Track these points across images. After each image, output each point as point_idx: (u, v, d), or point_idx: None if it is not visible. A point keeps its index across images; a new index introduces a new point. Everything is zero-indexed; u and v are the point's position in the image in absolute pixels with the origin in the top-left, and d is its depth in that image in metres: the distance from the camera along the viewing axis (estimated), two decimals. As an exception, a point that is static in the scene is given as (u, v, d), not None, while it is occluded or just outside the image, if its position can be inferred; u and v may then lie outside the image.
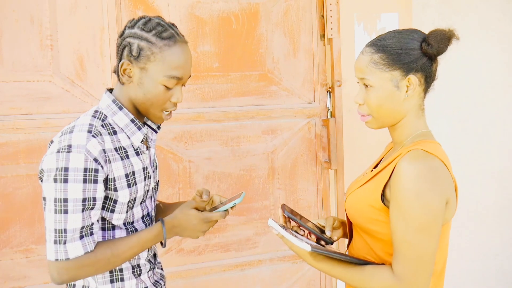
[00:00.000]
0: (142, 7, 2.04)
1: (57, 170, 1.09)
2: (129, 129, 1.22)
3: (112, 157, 1.16)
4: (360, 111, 1.23)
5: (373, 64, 1.17)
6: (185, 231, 1.24)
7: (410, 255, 1.07)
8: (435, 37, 1.15)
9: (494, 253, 2.78)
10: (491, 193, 2.74)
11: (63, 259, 1.10)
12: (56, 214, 1.09)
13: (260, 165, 2.28)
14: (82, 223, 1.11)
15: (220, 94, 2.20)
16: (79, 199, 1.10)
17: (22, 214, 1.93)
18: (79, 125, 1.15)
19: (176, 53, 1.18)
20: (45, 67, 1.93)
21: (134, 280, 1.25)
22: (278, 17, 2.27)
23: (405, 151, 1.14)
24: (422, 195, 1.05)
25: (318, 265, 1.18)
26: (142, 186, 1.24)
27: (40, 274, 1.97)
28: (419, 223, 1.06)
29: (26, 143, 1.91)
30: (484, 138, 2.70)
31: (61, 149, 1.10)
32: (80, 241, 1.11)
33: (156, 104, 1.20)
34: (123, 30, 1.21)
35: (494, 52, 2.67)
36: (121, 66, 1.18)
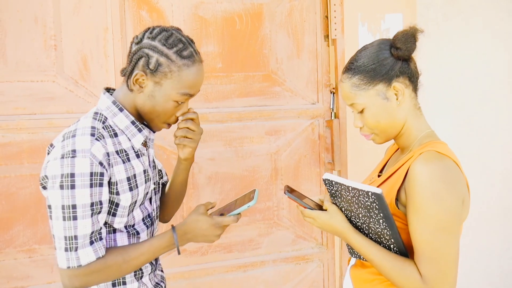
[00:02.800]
0: (146, 7, 2.04)
1: (63, 177, 1.07)
2: (129, 131, 1.22)
3: (114, 160, 1.15)
4: (362, 133, 1.27)
5: (355, 87, 1.20)
6: (197, 237, 1.23)
7: (434, 256, 1.07)
8: (400, 39, 1.17)
9: (498, 254, 2.76)
10: (495, 194, 2.72)
11: (75, 266, 1.10)
12: (65, 221, 1.08)
13: (264, 166, 2.27)
14: (92, 228, 1.10)
15: (223, 95, 2.19)
16: (87, 204, 1.09)
17: (25, 214, 1.93)
18: (81, 128, 1.13)
19: (193, 74, 1.19)
20: (48, 67, 1.93)
21: (136, 283, 1.24)
22: (282, 18, 2.26)
23: (417, 153, 1.15)
24: (440, 196, 1.06)
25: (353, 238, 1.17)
26: (142, 189, 1.23)
27: (43, 274, 1.97)
28: (440, 224, 1.07)
29: (30, 143, 1.92)
30: (487, 139, 2.69)
31: (66, 155, 1.08)
32: (90, 246, 1.11)
33: (162, 117, 1.22)
34: (141, 38, 1.19)
35: (498, 52, 2.66)
36: (135, 76, 1.17)
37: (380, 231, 1.14)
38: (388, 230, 1.12)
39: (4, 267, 1.93)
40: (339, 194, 1.18)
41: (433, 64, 2.51)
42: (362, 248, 1.16)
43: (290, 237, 2.35)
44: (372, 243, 1.16)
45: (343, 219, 1.19)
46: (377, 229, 1.14)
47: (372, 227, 1.15)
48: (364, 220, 1.16)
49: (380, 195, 1.06)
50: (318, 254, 2.40)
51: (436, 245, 1.07)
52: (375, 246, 1.15)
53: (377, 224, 1.13)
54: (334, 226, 1.19)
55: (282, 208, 2.32)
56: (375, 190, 1.06)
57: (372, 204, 1.09)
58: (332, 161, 2.32)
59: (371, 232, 1.17)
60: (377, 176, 1.34)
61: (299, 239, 2.37)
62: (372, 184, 1.29)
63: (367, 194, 1.08)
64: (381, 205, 1.08)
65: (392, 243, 1.14)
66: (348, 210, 1.19)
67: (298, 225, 2.35)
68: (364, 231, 1.19)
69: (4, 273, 1.93)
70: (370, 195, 1.08)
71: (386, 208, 1.08)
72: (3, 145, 1.89)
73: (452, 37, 2.57)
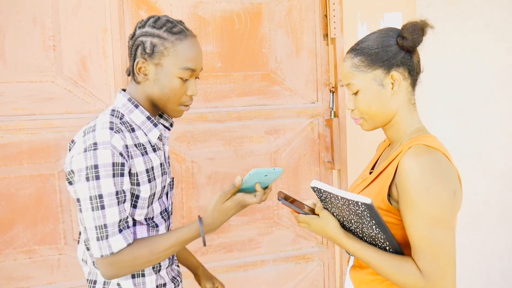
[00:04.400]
0: (144, 7, 2.04)
1: (88, 169, 1.12)
2: (145, 126, 1.25)
3: (133, 152, 1.19)
4: (352, 115, 1.26)
5: (355, 68, 1.20)
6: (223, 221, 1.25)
7: (432, 250, 1.07)
8: (408, 29, 1.17)
9: (498, 254, 2.76)
10: (495, 194, 2.72)
11: (108, 254, 1.14)
12: (94, 211, 1.13)
13: (263, 165, 2.27)
14: (119, 216, 1.15)
15: (222, 94, 2.19)
16: (112, 193, 1.13)
17: (25, 215, 1.93)
18: (100, 123, 1.17)
19: (188, 46, 1.22)
20: (47, 68, 1.93)
21: (154, 276, 1.28)
22: (281, 17, 2.26)
23: (406, 147, 1.14)
24: (432, 189, 1.06)
25: (347, 243, 1.16)
26: (160, 181, 1.27)
27: (43, 274, 1.97)
28: (435, 219, 1.07)
29: (29, 144, 1.91)
30: (488, 139, 2.68)
31: (88, 148, 1.13)
32: (120, 234, 1.15)
33: (173, 98, 1.24)
34: (133, 32, 1.25)
35: (499, 52, 2.65)
36: (137, 65, 1.22)
37: (374, 235, 1.13)
38: (382, 234, 1.11)
39: (4, 268, 1.93)
40: (329, 201, 1.17)
41: (433, 63, 2.50)
42: (357, 252, 1.15)
43: (290, 236, 2.35)
44: (367, 245, 1.15)
45: (335, 224, 1.18)
46: (370, 233, 1.13)
47: (366, 232, 1.14)
48: (356, 225, 1.15)
49: (370, 205, 1.05)
50: (319, 253, 2.40)
51: (433, 239, 1.07)
52: (370, 248, 1.14)
53: (370, 229, 1.12)
54: (327, 231, 1.18)
55: (282, 207, 2.31)
56: (364, 200, 1.05)
57: (363, 212, 1.08)
58: (331, 160, 2.32)
59: (365, 235, 1.16)
60: (369, 173, 1.33)
61: (299, 239, 2.37)
62: (364, 182, 1.28)
63: (357, 203, 1.07)
64: (372, 213, 1.07)
65: (387, 245, 1.13)
66: (339, 216, 1.18)
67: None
68: (358, 234, 1.18)
69: (4, 274, 1.93)
70: (360, 205, 1.06)
71: (377, 215, 1.07)
72: (2, 146, 1.89)
73: (452, 36, 2.56)
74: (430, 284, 1.06)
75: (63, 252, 1.99)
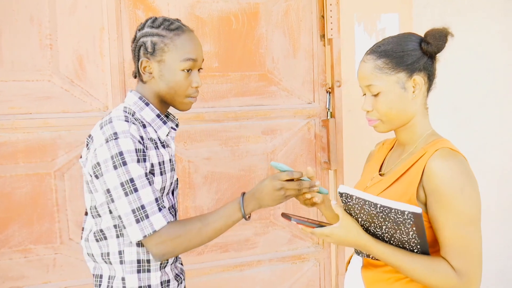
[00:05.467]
0: (142, 6, 2.04)
1: (113, 157, 1.15)
2: (155, 123, 1.31)
3: (148, 145, 1.23)
4: (368, 117, 1.27)
5: (378, 69, 1.21)
6: (264, 199, 1.27)
7: (466, 249, 1.10)
8: (433, 35, 1.21)
9: (495, 254, 2.77)
10: (492, 194, 2.73)
11: (151, 232, 1.17)
12: (127, 196, 1.16)
13: (260, 166, 2.27)
14: (154, 195, 1.19)
15: (219, 94, 2.19)
16: (142, 175, 1.17)
17: (20, 214, 1.93)
18: (115, 116, 1.22)
19: (186, 39, 1.28)
20: (44, 67, 1.93)
21: (159, 272, 1.29)
22: (278, 17, 2.26)
23: (431, 151, 1.16)
24: (465, 190, 1.10)
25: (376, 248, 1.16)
26: (169, 176, 1.31)
27: (38, 274, 1.97)
28: (468, 217, 1.10)
29: (25, 143, 1.91)
30: (485, 139, 2.69)
31: (109, 138, 1.17)
32: (160, 212, 1.18)
33: (180, 91, 1.29)
34: (134, 35, 1.32)
35: (495, 52, 2.66)
36: (141, 65, 1.28)
37: (406, 240, 1.13)
38: (416, 239, 1.12)
39: (0, 267, 1.92)
40: (358, 207, 1.16)
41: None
42: (387, 257, 1.15)
43: (286, 236, 2.36)
44: (396, 250, 1.15)
45: (359, 230, 1.17)
46: (402, 238, 1.13)
47: (397, 237, 1.14)
48: (387, 231, 1.14)
49: (419, 214, 1.05)
50: (314, 253, 2.40)
51: (467, 238, 1.10)
52: (400, 252, 1.14)
53: (404, 235, 1.12)
54: (351, 240, 1.17)
55: (278, 207, 2.32)
56: (414, 210, 1.05)
57: (405, 220, 1.08)
58: (328, 160, 2.32)
59: (393, 239, 1.16)
60: (379, 175, 1.33)
61: (295, 239, 2.37)
62: (379, 184, 1.27)
63: (403, 212, 1.07)
64: (417, 222, 1.07)
65: (417, 248, 1.14)
66: (366, 221, 1.17)
67: (294, 224, 2.35)
68: (385, 239, 1.17)
69: (-1, 273, 1.92)
70: (406, 214, 1.06)
71: (422, 224, 1.07)
72: (-2, 145, 1.88)
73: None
74: (465, 281, 1.10)
75: (58, 251, 1.99)
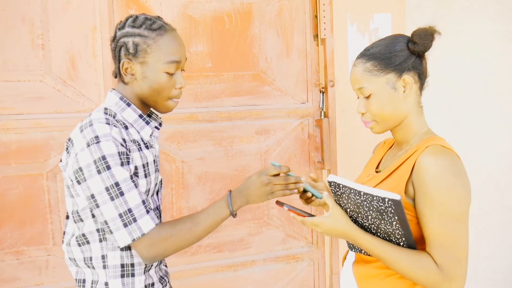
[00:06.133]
0: (134, 6, 2.03)
1: (96, 162, 1.12)
2: (138, 124, 1.27)
3: (131, 147, 1.21)
4: (363, 119, 1.29)
5: (367, 72, 1.24)
6: (251, 195, 1.27)
7: (450, 245, 1.11)
8: (419, 35, 1.24)
9: (487, 254, 2.78)
10: (484, 194, 2.74)
11: (139, 236, 1.15)
12: (114, 200, 1.13)
13: (253, 166, 2.27)
14: (141, 197, 1.16)
15: (213, 94, 2.19)
16: (127, 178, 1.14)
17: (12, 216, 1.91)
18: (96, 119, 1.18)
19: (169, 39, 1.24)
20: (36, 67, 1.91)
21: (143, 276, 1.27)
22: (271, 17, 2.26)
23: (422, 147, 1.18)
24: (453, 187, 1.11)
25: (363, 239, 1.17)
26: (153, 177, 1.29)
27: (31, 276, 1.95)
28: (453, 214, 1.11)
29: (17, 144, 1.89)
30: (478, 139, 2.71)
31: (90, 142, 1.13)
32: (148, 215, 1.16)
33: (163, 93, 1.25)
34: (114, 34, 1.26)
35: (487, 52, 2.68)
36: (122, 66, 1.24)
37: (391, 231, 1.14)
38: (400, 230, 1.13)
39: (-8, 269, 1.91)
40: (345, 196, 1.17)
41: (421, 63, 2.52)
42: (373, 248, 1.16)
43: (280, 236, 2.36)
44: (383, 242, 1.16)
45: (348, 221, 1.19)
46: (387, 229, 1.14)
47: (382, 227, 1.15)
48: (373, 221, 1.16)
49: (398, 201, 1.06)
50: (309, 253, 2.40)
51: (452, 235, 1.11)
52: (386, 244, 1.16)
53: (388, 225, 1.13)
54: (340, 230, 1.18)
55: (272, 207, 2.32)
56: (393, 197, 1.06)
57: (387, 209, 1.09)
58: (321, 160, 2.33)
59: (379, 231, 1.17)
60: (375, 172, 1.35)
61: (289, 238, 2.38)
62: (373, 179, 1.30)
63: (383, 200, 1.08)
64: (397, 210, 1.08)
65: (403, 241, 1.15)
66: (354, 212, 1.18)
67: (288, 224, 2.36)
68: (372, 230, 1.19)
69: (-9, 275, 1.91)
70: (386, 201, 1.07)
71: (402, 212, 1.08)
72: (-10, 146, 1.87)
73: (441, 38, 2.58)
74: (447, 277, 1.11)
75: (51, 253, 1.97)
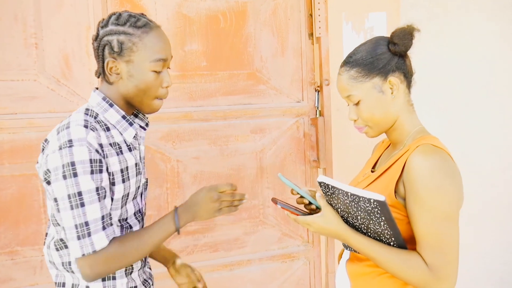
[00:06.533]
0: (128, 5, 2.02)
1: (64, 167, 1.09)
2: (121, 126, 1.24)
3: (108, 152, 1.17)
4: (356, 125, 1.29)
5: (353, 79, 1.24)
6: (199, 211, 1.24)
7: (439, 245, 1.11)
8: (398, 36, 1.23)
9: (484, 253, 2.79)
10: (479, 192, 2.75)
11: (90, 252, 1.11)
12: (73, 210, 1.09)
13: (249, 165, 2.27)
14: (101, 212, 1.12)
15: (208, 93, 2.18)
16: (92, 190, 1.10)
17: (6, 216, 1.90)
18: (74, 121, 1.15)
19: (155, 37, 1.21)
20: (29, 66, 1.90)
21: (125, 278, 1.25)
22: (266, 16, 2.26)
23: (413, 147, 1.18)
24: (442, 186, 1.11)
25: (353, 238, 1.17)
26: (134, 181, 1.25)
27: (26, 276, 1.94)
28: (443, 213, 1.11)
29: (11, 143, 1.88)
30: (475, 138, 2.71)
31: (63, 145, 1.10)
32: (103, 231, 1.12)
33: (149, 93, 1.22)
34: (96, 33, 1.22)
35: (483, 51, 2.69)
36: (107, 66, 1.20)
37: (380, 231, 1.14)
38: (389, 230, 1.13)
39: (-15, 269, 1.89)
40: (335, 196, 1.17)
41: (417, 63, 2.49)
42: (364, 248, 1.17)
43: (276, 235, 2.36)
44: (373, 242, 1.17)
45: (339, 221, 1.19)
46: (377, 230, 1.15)
47: (372, 228, 1.15)
48: (362, 221, 1.16)
49: (383, 202, 1.06)
50: (304, 251, 2.40)
51: (441, 234, 1.11)
52: (376, 244, 1.16)
53: (377, 226, 1.13)
54: (331, 229, 1.19)
55: (268, 206, 2.32)
56: (378, 198, 1.06)
57: (373, 209, 1.09)
58: (317, 159, 2.33)
59: (369, 231, 1.17)
60: (371, 171, 1.36)
61: (285, 237, 2.37)
62: (367, 179, 1.30)
63: (369, 200, 1.08)
64: (383, 210, 1.08)
65: (392, 240, 1.15)
66: (344, 212, 1.19)
67: (284, 223, 2.35)
68: (362, 230, 1.19)
69: (-15, 276, 1.89)
70: (372, 202, 1.08)
71: (389, 212, 1.09)
72: (-17, 146, 1.85)
73: (436, 36, 2.59)
74: (437, 276, 1.11)
75: (46, 253, 1.96)
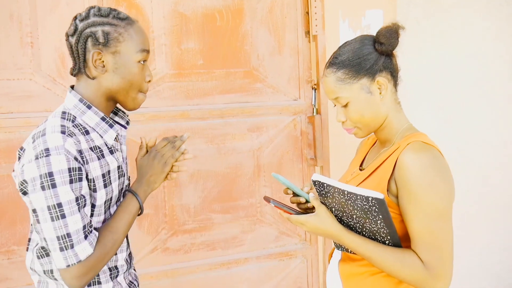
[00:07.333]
0: (124, 3, 2.01)
1: (42, 177, 1.05)
2: (100, 128, 1.20)
3: (89, 157, 1.13)
4: (344, 127, 1.28)
5: (340, 81, 1.22)
6: (149, 179, 1.27)
7: (434, 242, 1.11)
8: (384, 35, 1.21)
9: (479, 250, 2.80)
10: (474, 190, 2.76)
11: (75, 263, 1.08)
12: (54, 221, 1.06)
13: (246, 163, 2.27)
14: (83, 222, 1.09)
15: (204, 92, 2.18)
16: (72, 200, 1.07)
17: (3, 215, 1.89)
18: (50, 127, 1.10)
19: (138, 29, 1.21)
20: (25, 65, 1.89)
21: (111, 283, 1.23)
22: (262, 14, 2.25)
23: (404, 144, 1.18)
24: (434, 183, 1.11)
25: (348, 238, 1.17)
26: (116, 185, 1.22)
27: (22, 275, 1.93)
28: (436, 210, 1.11)
29: (7, 143, 1.88)
30: (469, 135, 2.72)
31: (39, 155, 1.05)
32: (86, 240, 1.09)
33: (135, 85, 1.20)
34: (75, 27, 1.17)
35: (479, 49, 2.69)
36: (92, 58, 1.15)
37: (376, 230, 1.14)
38: (385, 229, 1.12)
39: (-18, 269, 1.89)
40: (330, 195, 1.16)
41: (413, 61, 2.53)
42: (358, 247, 1.16)
43: (274, 233, 2.36)
44: (368, 241, 1.16)
45: (333, 220, 1.18)
46: (372, 228, 1.14)
47: (367, 226, 1.15)
48: (358, 220, 1.15)
49: (382, 200, 1.06)
50: (302, 250, 2.41)
51: (435, 232, 1.11)
52: (371, 243, 1.16)
53: (373, 224, 1.13)
54: (325, 229, 1.18)
55: (265, 204, 2.32)
56: (377, 195, 1.06)
57: (371, 207, 1.09)
58: (314, 157, 2.33)
59: (364, 230, 1.17)
60: (359, 169, 1.35)
61: (283, 236, 2.37)
62: (356, 178, 1.29)
63: (367, 199, 1.07)
64: (381, 209, 1.08)
65: (388, 239, 1.15)
66: (339, 211, 1.18)
67: (281, 221, 2.36)
68: (357, 229, 1.18)
69: (-18, 276, 1.89)
70: (370, 200, 1.07)
71: (386, 211, 1.08)
72: (-21, 145, 1.85)
73: (432, 34, 2.59)
74: (433, 273, 1.11)
75: (43, 252, 1.96)
